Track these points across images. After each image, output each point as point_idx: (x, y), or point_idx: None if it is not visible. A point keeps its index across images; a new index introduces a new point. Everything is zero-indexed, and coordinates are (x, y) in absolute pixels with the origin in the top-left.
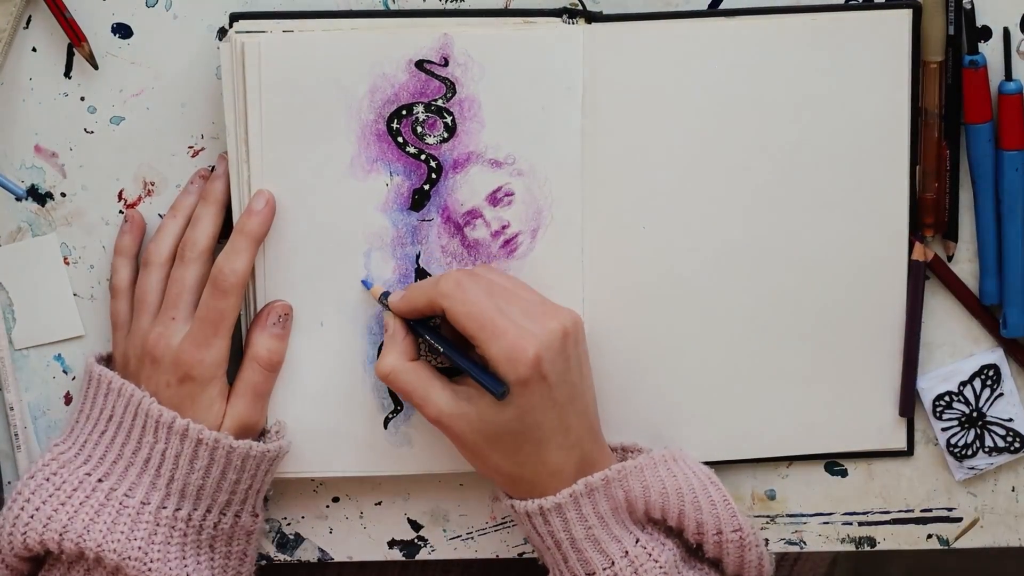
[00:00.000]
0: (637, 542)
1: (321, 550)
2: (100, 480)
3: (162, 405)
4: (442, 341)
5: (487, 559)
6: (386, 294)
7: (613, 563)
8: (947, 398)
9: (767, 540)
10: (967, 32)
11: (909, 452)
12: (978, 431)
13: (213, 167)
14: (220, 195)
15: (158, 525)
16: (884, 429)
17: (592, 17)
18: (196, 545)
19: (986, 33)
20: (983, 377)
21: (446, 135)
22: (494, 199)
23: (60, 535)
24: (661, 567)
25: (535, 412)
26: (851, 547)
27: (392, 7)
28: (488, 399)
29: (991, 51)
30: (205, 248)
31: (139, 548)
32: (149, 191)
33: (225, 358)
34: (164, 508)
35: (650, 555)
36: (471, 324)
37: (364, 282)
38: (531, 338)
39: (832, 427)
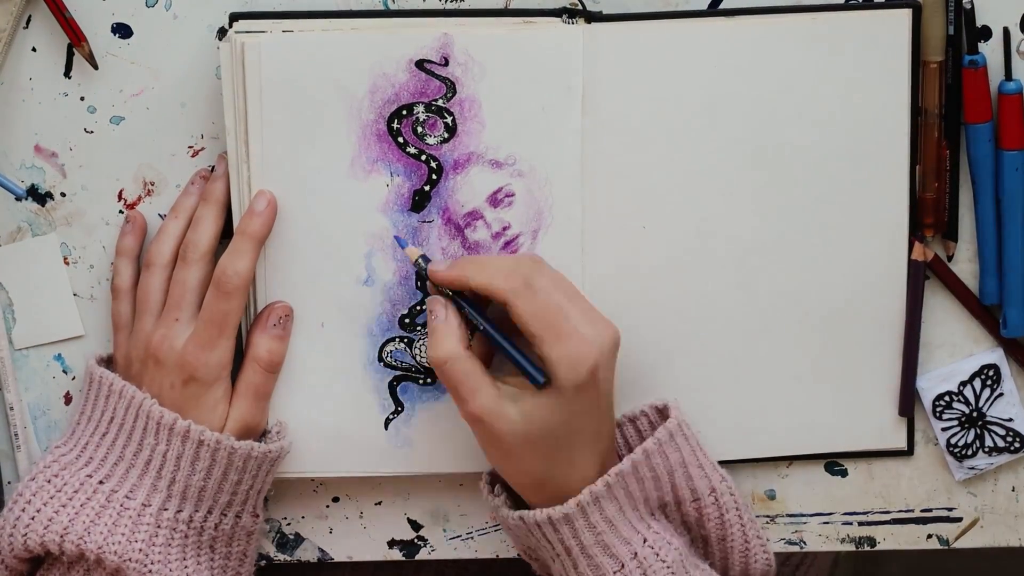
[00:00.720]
0: (645, 542)
1: (321, 550)
2: (101, 482)
3: (165, 407)
4: (490, 324)
5: (485, 559)
6: (425, 258)
7: (623, 566)
8: (947, 398)
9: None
10: (967, 32)
11: (909, 452)
12: (978, 431)
13: (213, 167)
14: (221, 196)
15: (159, 527)
16: (884, 429)
17: (592, 17)
18: (196, 546)
19: (986, 33)
20: (983, 377)
21: (446, 135)
22: (494, 200)
23: (61, 537)
24: (668, 567)
25: (582, 417)
26: (851, 547)
27: (392, 7)
28: (533, 400)
29: (991, 51)
30: (207, 249)
31: (140, 550)
32: (149, 191)
33: (229, 359)
34: (165, 510)
35: (657, 555)
36: (536, 323)
37: (398, 239)
38: (592, 346)
39: (832, 427)
